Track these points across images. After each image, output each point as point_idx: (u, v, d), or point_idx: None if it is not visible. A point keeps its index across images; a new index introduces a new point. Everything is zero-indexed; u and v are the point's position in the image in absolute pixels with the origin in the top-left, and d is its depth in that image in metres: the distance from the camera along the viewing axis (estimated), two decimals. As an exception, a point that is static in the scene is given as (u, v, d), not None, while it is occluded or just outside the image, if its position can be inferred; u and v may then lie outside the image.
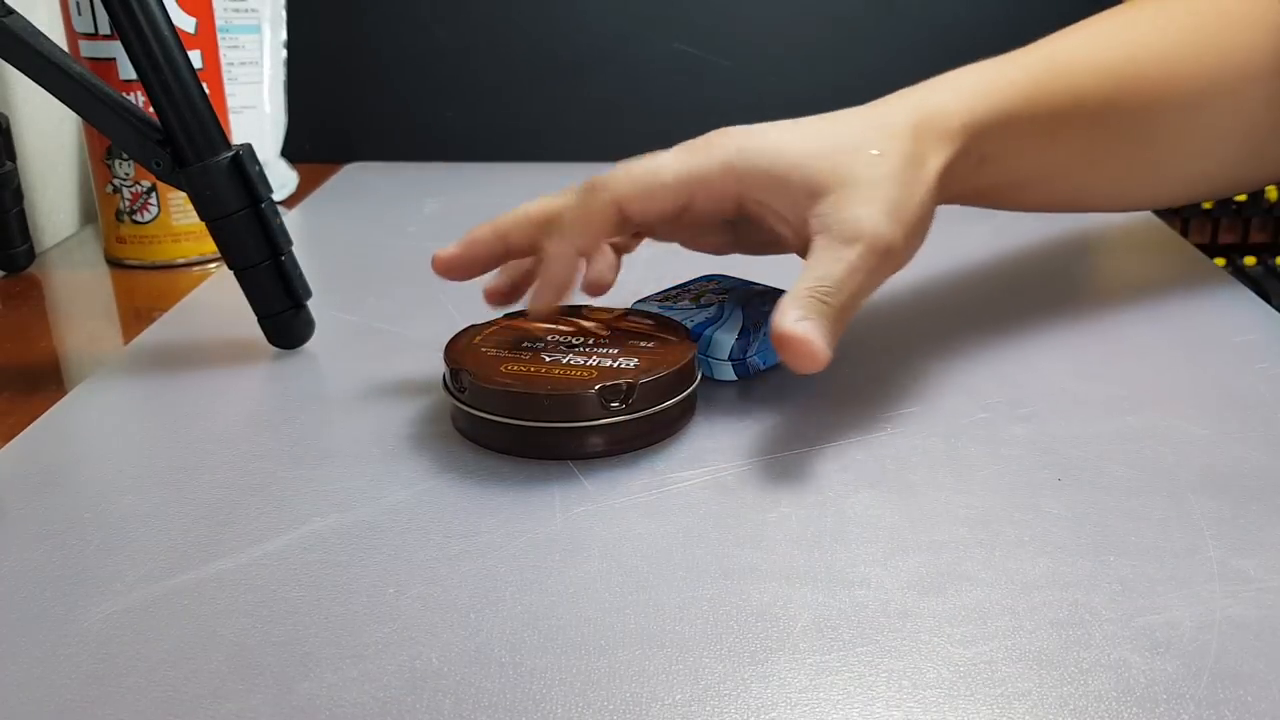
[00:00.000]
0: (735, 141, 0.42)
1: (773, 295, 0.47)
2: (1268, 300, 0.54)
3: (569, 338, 0.42)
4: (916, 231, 0.42)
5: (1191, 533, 0.34)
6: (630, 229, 0.43)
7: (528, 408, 0.38)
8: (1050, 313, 0.52)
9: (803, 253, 0.42)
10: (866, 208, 0.41)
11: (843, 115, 0.44)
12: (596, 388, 0.38)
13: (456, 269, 0.44)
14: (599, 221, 0.42)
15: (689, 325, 0.44)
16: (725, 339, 0.44)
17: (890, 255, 0.41)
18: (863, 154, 0.42)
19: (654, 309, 0.46)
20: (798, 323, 0.38)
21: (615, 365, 0.40)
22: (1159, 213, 0.72)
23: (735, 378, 0.45)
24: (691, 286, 0.49)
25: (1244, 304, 0.54)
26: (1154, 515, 0.35)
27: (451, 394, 0.41)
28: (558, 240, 0.42)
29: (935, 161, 0.43)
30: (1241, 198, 0.73)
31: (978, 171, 0.47)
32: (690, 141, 0.43)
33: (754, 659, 0.29)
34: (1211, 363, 0.47)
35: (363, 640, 0.30)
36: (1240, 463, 0.38)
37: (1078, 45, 0.50)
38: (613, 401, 0.38)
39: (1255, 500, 0.36)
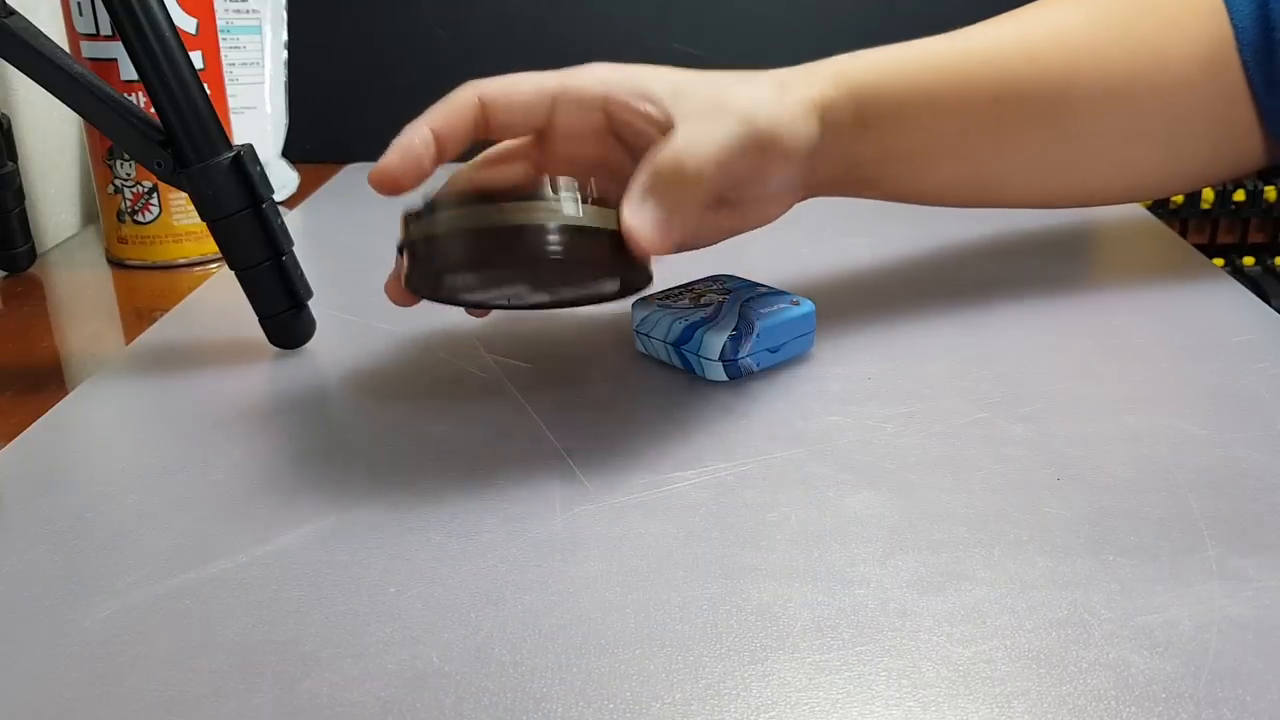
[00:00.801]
0: (609, 66, 0.43)
1: (776, 296, 0.47)
2: (1267, 300, 0.54)
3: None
4: (782, 145, 0.43)
5: (1191, 532, 0.34)
6: (494, 129, 0.43)
7: (481, 213, 0.37)
8: (1050, 313, 0.52)
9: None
10: (736, 101, 0.42)
11: (724, 75, 0.45)
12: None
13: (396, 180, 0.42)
14: (458, 106, 0.42)
15: (683, 324, 0.44)
16: (716, 339, 0.44)
17: (758, 134, 0.42)
18: (731, 84, 0.43)
19: (654, 308, 0.46)
20: (635, 207, 0.39)
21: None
22: (1157, 213, 0.72)
23: (726, 378, 0.45)
24: (695, 286, 0.49)
25: (1243, 304, 0.54)
26: (1154, 515, 0.35)
27: (404, 248, 0.39)
28: (417, 121, 0.42)
29: (802, 90, 0.45)
30: (1240, 197, 0.73)
31: (861, 136, 0.47)
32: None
33: (754, 658, 0.29)
34: (1211, 363, 0.47)
35: (363, 640, 0.30)
36: (1240, 463, 0.38)
37: (995, 28, 0.50)
38: (561, 190, 0.37)
39: (1255, 500, 0.36)
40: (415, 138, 0.42)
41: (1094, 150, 0.52)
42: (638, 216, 0.39)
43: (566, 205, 0.37)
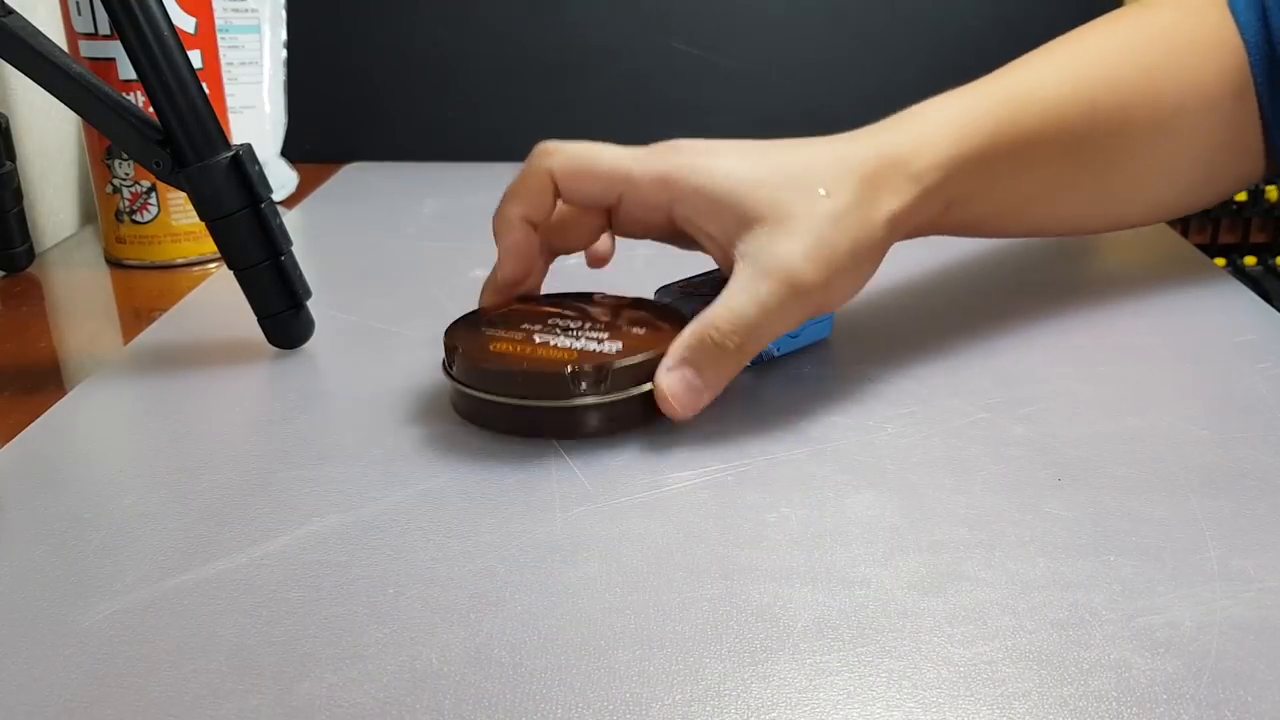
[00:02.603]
0: (681, 158, 0.42)
1: None
2: (1268, 300, 0.54)
3: (567, 321, 0.43)
4: (845, 273, 0.42)
5: (1192, 533, 0.34)
6: (564, 200, 0.43)
7: (504, 384, 0.40)
8: (1050, 313, 0.52)
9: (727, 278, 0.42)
10: (790, 244, 0.40)
11: (806, 145, 0.43)
12: (568, 369, 0.39)
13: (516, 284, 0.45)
14: (537, 187, 0.43)
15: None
16: None
17: (806, 295, 0.40)
18: (807, 190, 0.41)
19: (675, 296, 0.46)
20: (668, 372, 0.40)
21: (598, 349, 0.40)
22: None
23: (749, 364, 0.44)
24: (716, 274, 0.49)
25: (1244, 304, 0.54)
26: (1154, 515, 0.35)
27: (445, 369, 0.42)
28: (505, 205, 0.43)
29: (890, 205, 0.43)
30: (1241, 197, 0.73)
31: (944, 214, 0.47)
32: (643, 147, 0.43)
33: (754, 659, 0.29)
34: (1211, 363, 0.47)
35: (363, 640, 0.30)
36: (1240, 463, 0.38)
37: (1039, 79, 0.50)
38: (583, 383, 0.39)
39: (1256, 500, 0.36)
40: (519, 235, 0.43)
41: (1142, 184, 0.53)
42: (669, 381, 0.40)
43: (588, 399, 0.40)
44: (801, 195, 0.41)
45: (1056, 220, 0.54)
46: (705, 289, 0.47)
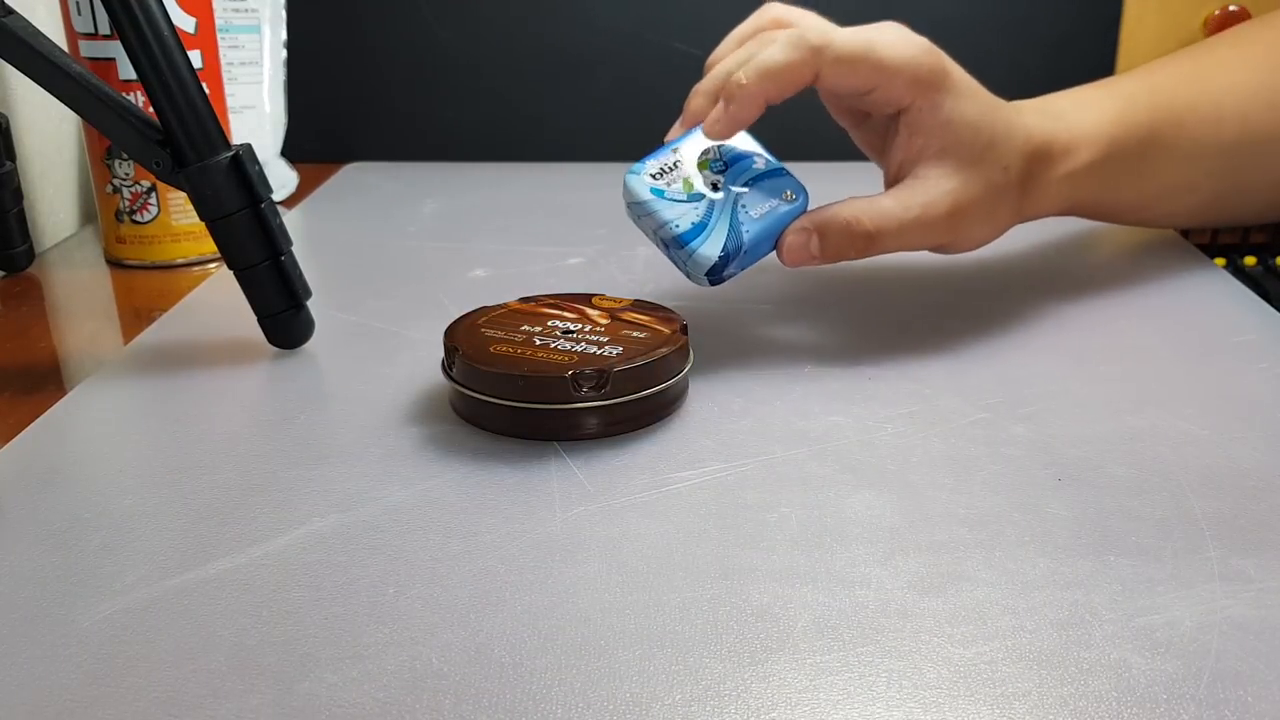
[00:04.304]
0: (940, 61, 0.47)
1: (773, 180, 0.47)
2: (1268, 300, 0.54)
3: (568, 323, 0.43)
4: (977, 232, 0.49)
5: (1192, 533, 0.34)
6: (817, 86, 0.47)
7: (505, 387, 0.40)
8: (1051, 313, 0.52)
9: (895, 172, 0.48)
10: (960, 190, 0.47)
11: (1005, 111, 0.49)
12: (570, 373, 0.39)
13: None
14: (796, 80, 0.44)
15: (675, 232, 0.44)
16: (706, 256, 0.44)
17: (943, 231, 0.47)
18: (995, 162, 0.47)
19: (648, 192, 0.45)
20: (798, 231, 0.45)
21: (598, 352, 0.40)
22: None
23: (709, 285, 0.45)
24: (687, 151, 0.47)
25: (1244, 304, 0.54)
26: (1154, 515, 0.35)
27: (445, 370, 0.42)
28: (757, 83, 0.44)
29: (1035, 201, 0.50)
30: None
31: (1072, 197, 0.52)
32: (904, 31, 0.47)
33: (754, 659, 0.29)
34: (1211, 363, 0.47)
35: (363, 640, 0.30)
36: (1240, 463, 0.38)
37: (1182, 84, 0.54)
38: (585, 387, 0.39)
39: (1255, 500, 0.36)
40: (755, 113, 0.45)
41: (1259, 187, 0.57)
42: (793, 236, 0.45)
43: (588, 403, 0.40)
44: (990, 163, 0.47)
45: (1170, 218, 0.59)
46: (677, 182, 0.46)
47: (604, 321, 0.43)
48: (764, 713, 0.27)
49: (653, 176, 0.46)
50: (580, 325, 0.43)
